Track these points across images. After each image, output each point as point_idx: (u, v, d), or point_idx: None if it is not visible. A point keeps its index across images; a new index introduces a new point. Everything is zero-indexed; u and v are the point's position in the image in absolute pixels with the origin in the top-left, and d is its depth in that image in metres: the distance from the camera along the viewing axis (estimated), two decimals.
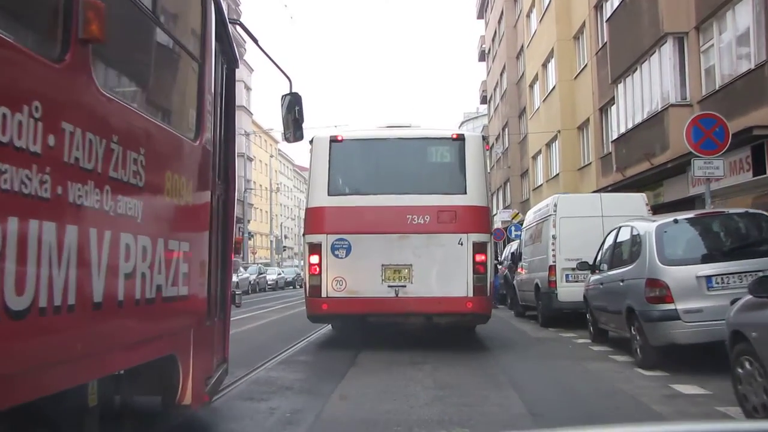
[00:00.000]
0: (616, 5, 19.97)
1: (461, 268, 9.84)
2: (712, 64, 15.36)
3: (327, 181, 10.32)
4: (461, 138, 10.51)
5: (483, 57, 54.45)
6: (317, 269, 10.05)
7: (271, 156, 69.93)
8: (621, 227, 10.02)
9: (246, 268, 36.12)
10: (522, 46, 36.83)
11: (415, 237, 9.97)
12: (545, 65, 30.70)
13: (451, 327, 11.30)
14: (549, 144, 30.41)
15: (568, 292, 13.07)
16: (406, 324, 11.20)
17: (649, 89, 17.62)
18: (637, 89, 18.46)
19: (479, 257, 9.88)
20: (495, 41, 45.87)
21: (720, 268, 7.82)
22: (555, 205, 13.86)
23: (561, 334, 12.54)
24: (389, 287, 9.94)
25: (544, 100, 30.95)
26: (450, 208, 10.03)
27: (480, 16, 53.59)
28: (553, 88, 28.99)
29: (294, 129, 6.69)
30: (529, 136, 34.38)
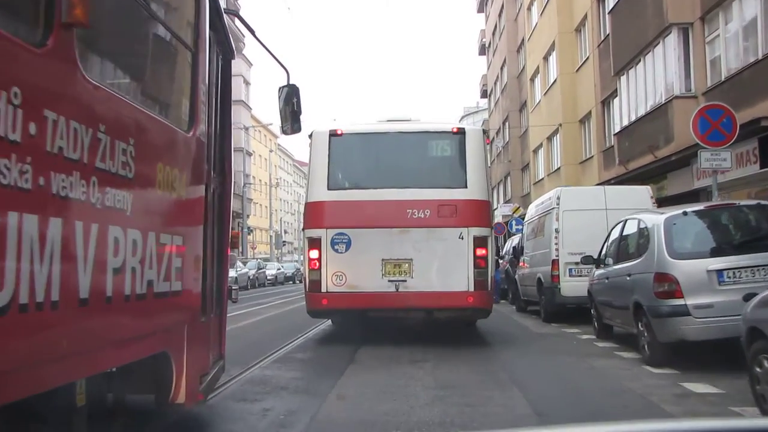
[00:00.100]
0: None
1: (462, 262, 9.76)
2: (717, 55, 15.16)
3: (326, 176, 10.24)
4: (462, 132, 10.41)
5: (483, 51, 54.25)
6: (317, 264, 9.95)
7: (271, 151, 69.87)
8: (627, 220, 9.79)
9: (245, 263, 35.93)
10: (523, 39, 36.66)
11: (416, 231, 9.87)
12: (546, 58, 30.52)
13: (452, 323, 11.16)
14: (550, 137, 30.26)
15: (571, 286, 12.90)
16: (406, 319, 11.07)
17: (653, 81, 17.43)
18: (641, 81, 18.27)
19: (480, 251, 9.80)
20: (495, 35, 45.68)
21: (731, 261, 7.55)
22: (558, 198, 13.67)
23: (564, 329, 12.38)
24: (389, 282, 9.86)
25: (545, 93, 30.78)
26: (450, 202, 9.93)
27: (480, 9, 53.41)
28: (555, 81, 28.82)
29: (292, 121, 6.66)
30: (530, 129, 34.23)
